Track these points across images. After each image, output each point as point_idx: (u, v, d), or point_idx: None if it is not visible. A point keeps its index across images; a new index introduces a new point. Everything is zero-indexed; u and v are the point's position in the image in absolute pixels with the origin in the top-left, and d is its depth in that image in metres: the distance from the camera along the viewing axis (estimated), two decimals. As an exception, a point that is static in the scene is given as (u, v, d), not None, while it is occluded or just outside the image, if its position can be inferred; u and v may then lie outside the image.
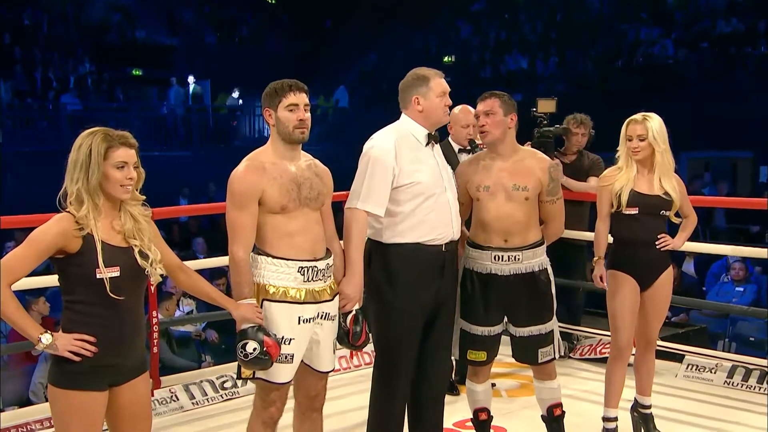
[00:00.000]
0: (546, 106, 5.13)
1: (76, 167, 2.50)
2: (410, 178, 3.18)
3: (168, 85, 17.60)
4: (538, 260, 3.42)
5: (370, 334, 3.29)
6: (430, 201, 3.20)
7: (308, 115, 2.97)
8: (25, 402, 5.34)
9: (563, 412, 3.57)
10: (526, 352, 3.47)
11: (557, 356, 3.52)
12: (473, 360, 3.48)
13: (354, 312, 3.10)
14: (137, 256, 2.55)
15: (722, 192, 11.93)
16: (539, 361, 3.47)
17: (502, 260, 3.36)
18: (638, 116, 3.65)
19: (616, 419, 3.78)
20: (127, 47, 18.42)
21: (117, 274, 2.48)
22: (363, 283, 3.16)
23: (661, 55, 16.11)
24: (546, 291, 3.44)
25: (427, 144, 3.27)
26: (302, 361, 2.99)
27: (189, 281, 2.81)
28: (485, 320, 3.42)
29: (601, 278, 3.75)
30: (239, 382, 4.47)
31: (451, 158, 3.53)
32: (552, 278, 3.48)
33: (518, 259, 3.37)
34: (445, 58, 18.41)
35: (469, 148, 4.55)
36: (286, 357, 2.89)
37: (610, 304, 3.73)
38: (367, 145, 3.24)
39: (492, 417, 3.64)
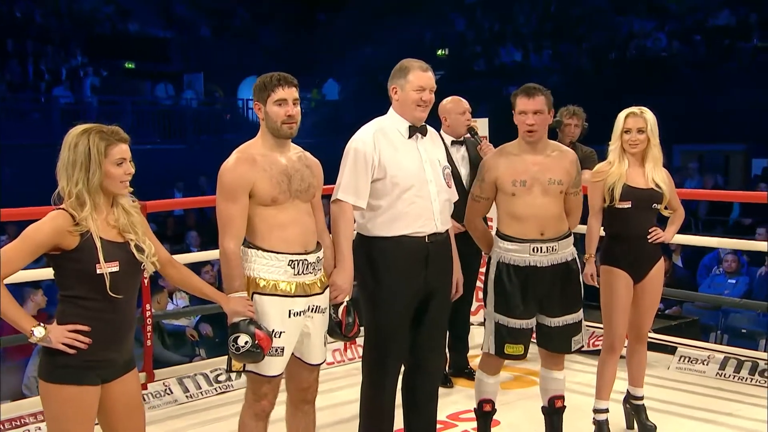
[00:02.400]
0: (539, 99, 5.11)
1: (75, 167, 2.48)
2: (387, 171, 3.18)
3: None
4: (570, 250, 3.45)
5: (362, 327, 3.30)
6: (409, 194, 3.20)
7: (297, 109, 2.95)
8: (18, 396, 5.33)
9: (564, 406, 3.57)
10: (560, 341, 3.47)
11: (585, 343, 3.54)
12: (511, 354, 3.43)
13: (345, 303, 3.10)
14: (134, 250, 2.55)
15: (708, 184, 11.97)
16: (572, 350, 3.48)
17: (541, 252, 3.36)
18: (635, 109, 3.65)
19: (607, 410, 3.80)
20: (119, 40, 18.34)
21: (116, 269, 2.49)
22: (353, 275, 3.17)
23: (654, 48, 16.14)
24: (577, 280, 3.46)
25: (410, 136, 3.26)
26: (293, 354, 2.99)
27: (179, 276, 2.80)
28: (524, 313, 3.40)
29: (591, 276, 3.74)
30: (233, 375, 4.47)
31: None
32: (580, 267, 3.50)
33: (555, 249, 3.38)
34: (439, 51, 18.40)
35: (463, 138, 4.52)
36: (276, 350, 2.89)
37: (603, 299, 3.74)
38: (350, 141, 3.25)
39: (495, 410, 3.63)
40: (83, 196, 2.47)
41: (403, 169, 3.20)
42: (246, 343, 2.78)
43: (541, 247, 3.36)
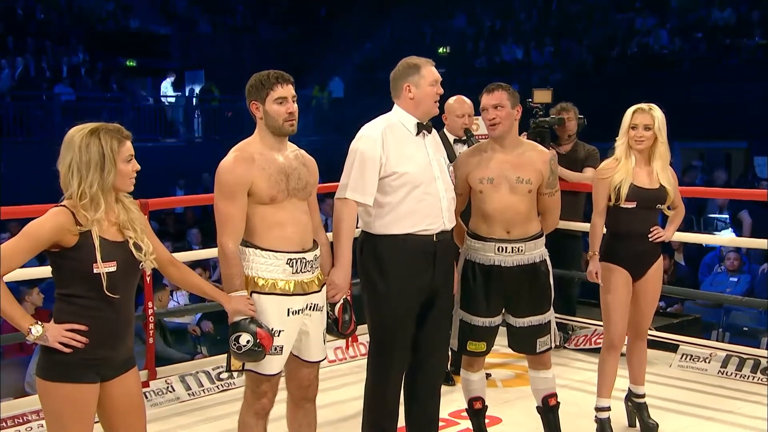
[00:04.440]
0: (542, 96, 5.12)
1: (90, 168, 2.47)
2: (396, 169, 3.17)
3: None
4: (539, 251, 3.44)
5: (365, 323, 3.30)
6: (417, 191, 3.19)
7: (296, 106, 2.95)
8: (20, 393, 5.33)
9: (558, 403, 3.58)
10: (524, 342, 3.48)
11: (553, 346, 3.55)
12: (473, 351, 3.48)
13: (342, 301, 3.10)
14: (132, 249, 2.54)
15: (720, 180, 11.89)
16: (537, 351, 3.48)
17: (506, 252, 3.37)
18: (644, 105, 3.65)
19: (608, 408, 3.79)
20: (120, 36, 18.34)
21: (114, 269, 2.48)
22: (350, 273, 3.17)
23: (656, 45, 16.12)
24: (545, 282, 3.46)
25: (418, 134, 3.25)
26: (292, 352, 2.99)
27: (180, 275, 2.80)
28: (486, 311, 3.42)
29: (596, 274, 3.73)
30: (234, 373, 4.47)
31: (446, 149, 3.52)
32: (551, 269, 3.50)
33: (521, 250, 3.38)
34: (440, 49, 18.37)
35: (464, 138, 4.55)
36: (276, 349, 2.89)
37: (603, 297, 3.74)
38: (356, 137, 3.23)
39: (487, 406, 3.66)
40: (98, 197, 2.47)
41: (412, 166, 3.19)
42: (248, 342, 2.78)
43: (506, 247, 3.37)
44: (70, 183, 2.48)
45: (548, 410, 3.58)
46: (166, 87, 17.51)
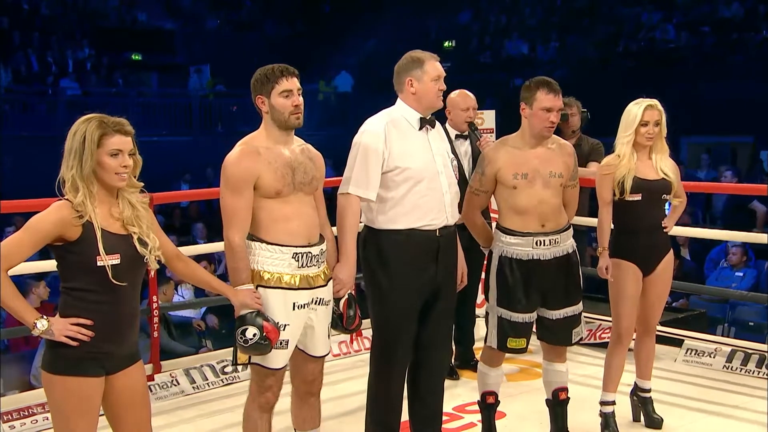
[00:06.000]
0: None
1: (71, 154, 2.48)
2: (399, 163, 3.16)
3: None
4: (570, 242, 3.47)
5: (368, 318, 3.30)
6: (420, 186, 3.18)
7: (301, 99, 2.95)
8: (25, 386, 5.36)
9: (568, 398, 3.57)
10: (561, 333, 3.48)
11: (584, 335, 3.56)
12: (513, 348, 3.45)
13: (347, 296, 3.10)
14: (136, 244, 2.54)
15: (739, 174, 11.74)
16: (573, 341, 3.49)
17: (544, 245, 3.37)
18: (650, 101, 3.64)
19: (613, 403, 3.79)
20: (126, 31, 18.35)
21: (117, 261, 2.48)
22: (356, 268, 3.17)
23: (662, 40, 16.06)
24: (577, 272, 3.48)
25: (421, 128, 3.24)
26: (297, 346, 2.99)
27: (186, 269, 2.80)
28: (526, 307, 3.41)
29: (606, 269, 3.69)
30: (239, 367, 4.48)
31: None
32: (579, 259, 3.51)
33: (557, 242, 3.39)
34: (446, 43, 18.34)
35: (467, 132, 4.52)
36: (281, 343, 2.89)
37: (612, 291, 3.73)
38: (359, 131, 3.23)
39: (499, 401, 3.64)
40: (76, 183, 2.47)
41: (415, 161, 3.18)
42: (254, 335, 2.79)
43: (543, 240, 3.36)
44: (62, 169, 2.50)
45: (557, 404, 3.57)
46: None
